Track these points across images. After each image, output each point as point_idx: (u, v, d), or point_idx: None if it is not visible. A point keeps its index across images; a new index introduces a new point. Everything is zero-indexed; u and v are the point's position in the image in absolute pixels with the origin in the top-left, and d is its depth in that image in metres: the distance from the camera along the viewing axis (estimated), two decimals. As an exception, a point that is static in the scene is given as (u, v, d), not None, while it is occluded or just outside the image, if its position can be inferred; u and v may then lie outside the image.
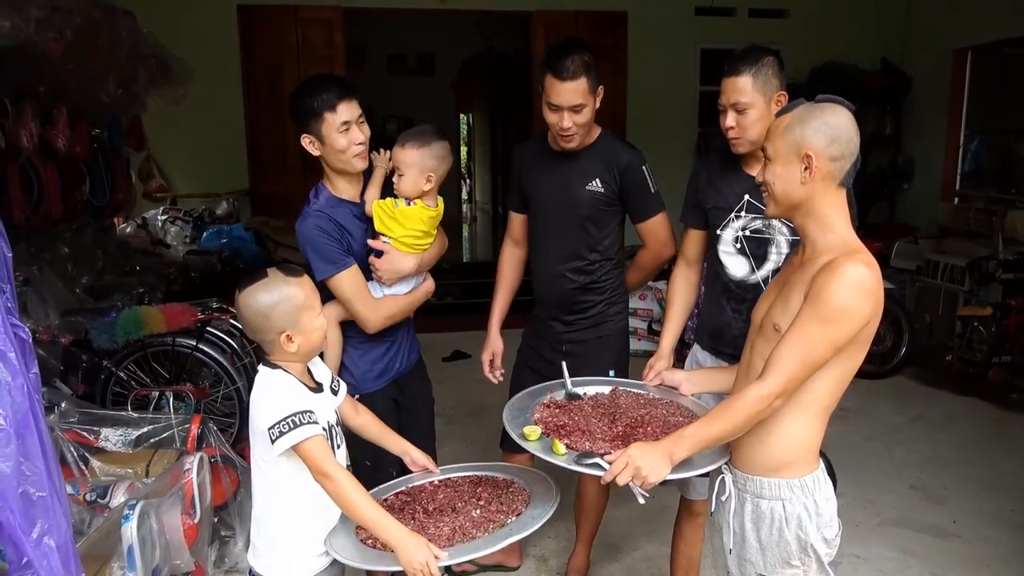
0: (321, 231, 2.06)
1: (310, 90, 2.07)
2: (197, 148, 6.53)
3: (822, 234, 1.53)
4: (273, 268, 1.64)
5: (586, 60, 2.28)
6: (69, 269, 3.99)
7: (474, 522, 1.62)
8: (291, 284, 1.61)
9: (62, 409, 2.59)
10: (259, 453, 1.64)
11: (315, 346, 1.66)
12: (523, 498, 1.70)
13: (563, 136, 2.35)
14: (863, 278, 1.45)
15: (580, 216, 2.45)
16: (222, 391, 3.59)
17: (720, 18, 7.26)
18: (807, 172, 1.50)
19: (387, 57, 10.72)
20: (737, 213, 2.17)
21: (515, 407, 1.83)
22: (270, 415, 1.56)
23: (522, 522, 1.60)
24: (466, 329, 6.06)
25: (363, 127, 2.10)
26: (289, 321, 1.59)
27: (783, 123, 1.54)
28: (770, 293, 1.66)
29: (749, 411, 1.48)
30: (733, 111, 2.07)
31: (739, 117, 2.07)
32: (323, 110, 2.03)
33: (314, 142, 2.09)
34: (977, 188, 6.29)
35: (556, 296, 2.54)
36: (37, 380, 1.32)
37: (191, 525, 2.25)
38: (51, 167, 3.92)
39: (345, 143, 2.06)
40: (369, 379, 2.23)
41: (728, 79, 2.08)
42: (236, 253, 5.30)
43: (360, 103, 2.11)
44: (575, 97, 2.26)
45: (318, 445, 1.57)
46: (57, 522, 1.31)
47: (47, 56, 3.53)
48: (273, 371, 1.63)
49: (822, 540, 1.59)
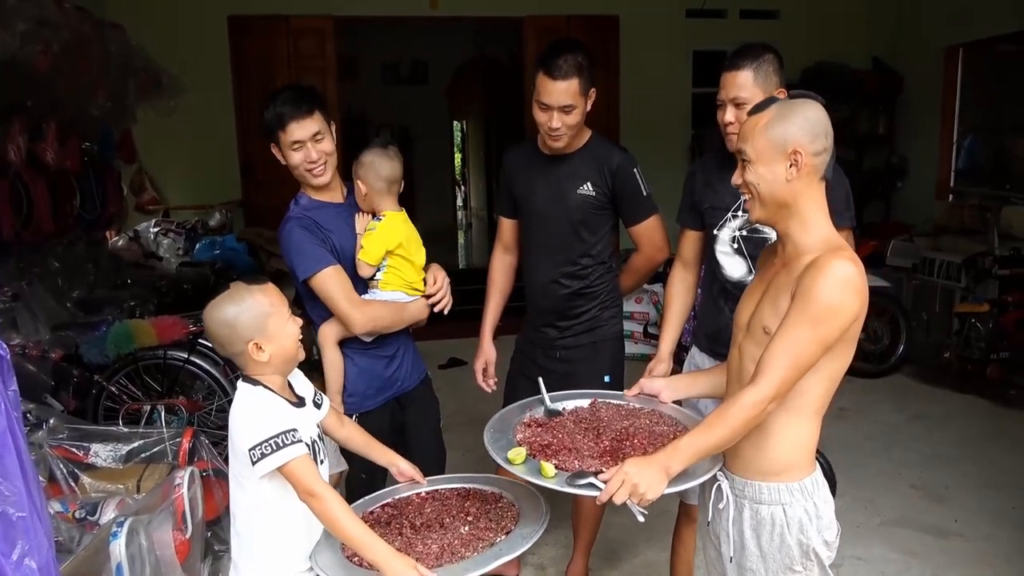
0: (303, 230, 2.05)
1: (269, 104, 2.07)
2: (189, 160, 6.51)
3: (804, 233, 1.51)
4: (236, 282, 1.62)
5: (580, 61, 2.25)
6: (60, 283, 3.97)
7: (463, 540, 1.59)
8: (254, 292, 1.59)
9: (51, 425, 2.56)
10: (239, 471, 1.61)
11: (289, 355, 1.63)
12: (512, 514, 1.68)
13: (551, 136, 2.32)
14: (850, 274, 1.43)
15: (572, 220, 2.42)
16: (215, 404, 3.56)
17: (711, 20, 7.26)
18: (793, 169, 1.47)
19: (380, 66, 10.73)
20: (734, 213, 2.14)
21: (495, 428, 1.77)
22: (251, 435, 1.53)
23: (512, 542, 1.57)
24: (462, 336, 6.04)
25: (320, 144, 2.08)
26: (255, 328, 1.56)
27: (761, 122, 1.50)
28: (753, 294, 1.63)
29: (744, 417, 1.45)
30: (732, 106, 2.04)
31: (739, 113, 2.03)
32: (276, 127, 2.05)
33: (278, 151, 2.12)
34: (972, 185, 6.29)
35: (549, 302, 2.52)
36: (16, 397, 1.29)
37: (183, 540, 2.21)
38: (41, 181, 3.90)
39: (297, 160, 2.07)
40: (368, 396, 2.21)
41: (728, 73, 2.05)
42: (229, 264, 5.27)
43: (324, 116, 2.09)
44: (566, 97, 2.24)
45: (303, 464, 1.53)
46: (38, 543, 1.28)
47: (35, 69, 3.51)
48: (253, 388, 1.60)
49: (823, 543, 1.57)
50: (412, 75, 11.06)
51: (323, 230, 2.09)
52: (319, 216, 2.11)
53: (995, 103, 6.31)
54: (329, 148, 2.10)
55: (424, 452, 2.30)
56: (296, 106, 2.03)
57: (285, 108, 2.04)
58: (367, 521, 1.71)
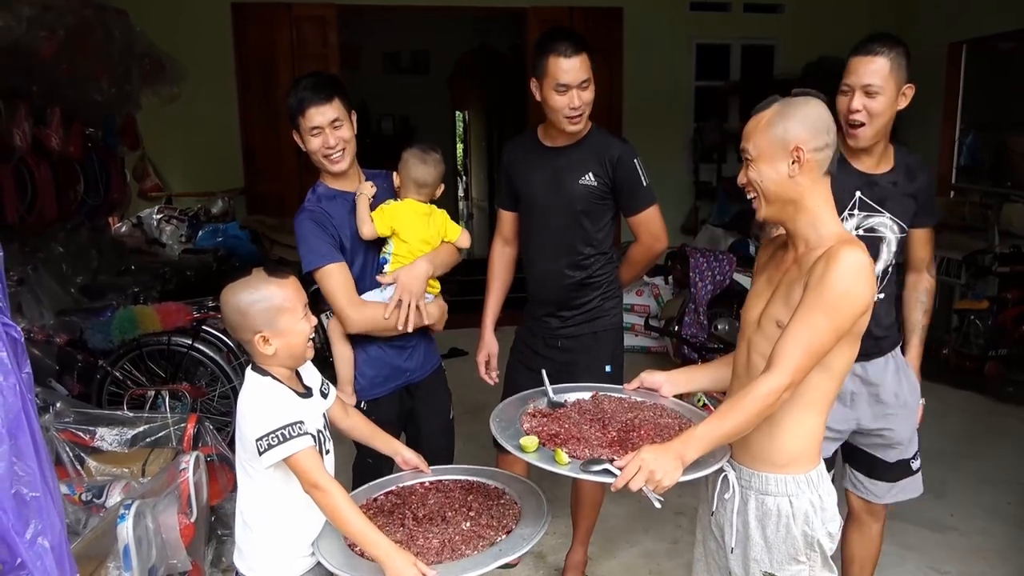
0: (313, 224, 2.07)
1: (292, 90, 2.10)
2: (192, 146, 6.50)
3: (813, 229, 1.53)
4: (260, 268, 1.62)
5: (582, 37, 2.31)
6: (64, 269, 3.99)
7: (464, 536, 1.61)
8: (272, 284, 1.58)
9: (57, 409, 2.58)
10: (245, 459, 1.63)
11: (296, 353, 1.62)
12: (513, 513, 1.70)
13: (571, 119, 2.33)
14: (862, 262, 1.44)
15: (574, 211, 2.43)
16: (218, 390, 3.59)
17: (715, 13, 7.26)
18: (795, 166, 1.49)
19: (382, 55, 10.70)
20: (850, 211, 2.04)
21: (502, 418, 1.78)
22: (259, 425, 1.54)
23: (512, 542, 1.58)
24: (463, 327, 6.05)
25: (339, 131, 2.09)
26: (265, 321, 1.57)
27: (762, 120, 1.52)
28: (762, 293, 1.63)
29: (760, 405, 1.46)
30: (862, 93, 1.96)
31: (868, 102, 1.96)
32: (296, 113, 2.07)
33: (298, 137, 2.13)
34: (973, 182, 6.30)
35: (552, 292, 2.53)
36: (30, 380, 1.30)
37: (187, 524, 2.24)
38: (45, 167, 3.91)
39: (315, 146, 2.09)
40: (377, 383, 2.22)
41: (863, 58, 1.98)
42: (232, 252, 5.29)
43: (345, 104, 2.10)
44: (583, 72, 2.27)
45: (309, 457, 1.55)
46: (51, 522, 1.30)
47: (39, 55, 3.52)
48: (262, 378, 1.61)
49: (827, 534, 1.59)
50: (414, 65, 11.02)
51: (334, 225, 2.10)
52: (333, 208, 2.12)
53: (997, 100, 6.31)
54: (347, 135, 2.11)
55: (432, 442, 2.32)
56: (316, 92, 2.06)
57: (306, 94, 2.06)
58: (371, 508, 1.74)
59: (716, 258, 5.14)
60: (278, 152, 6.60)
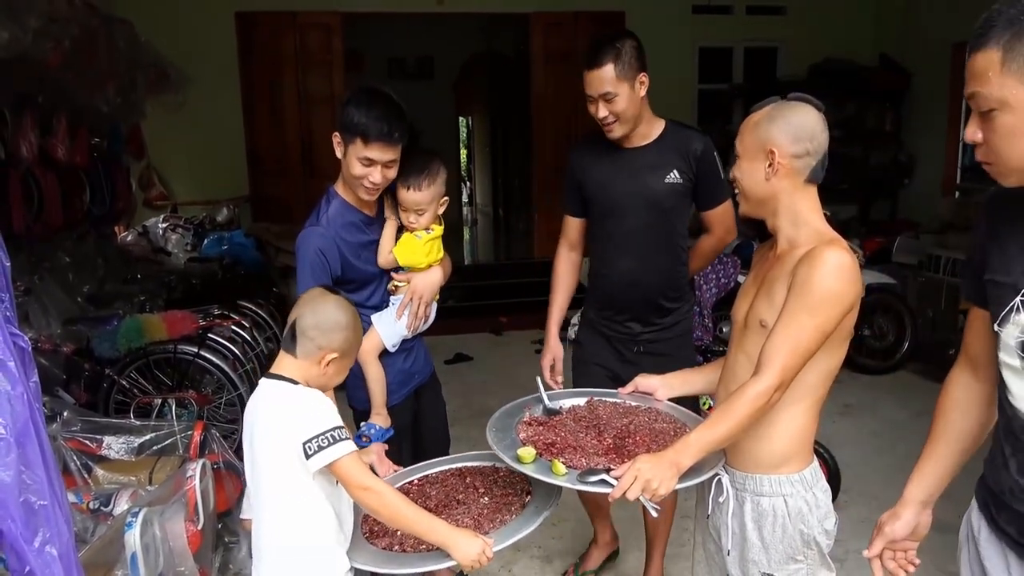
0: (319, 254, 2.00)
1: (359, 105, 1.97)
2: (197, 155, 6.54)
3: (794, 228, 1.55)
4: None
5: (616, 47, 2.23)
6: (70, 278, 4.01)
7: (492, 508, 1.63)
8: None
9: (64, 418, 2.59)
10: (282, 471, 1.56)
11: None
12: (520, 479, 1.72)
13: (605, 127, 2.31)
14: (844, 263, 1.45)
15: (662, 210, 2.36)
16: (225, 397, 3.60)
17: (718, 16, 7.26)
18: (771, 168, 1.51)
19: (387, 61, 10.74)
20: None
21: (496, 428, 1.77)
22: (304, 429, 1.51)
23: (540, 498, 1.63)
24: (468, 332, 6.08)
25: (387, 171, 2.00)
26: (344, 350, 1.61)
27: (753, 120, 1.55)
28: (748, 291, 1.65)
29: (751, 408, 1.47)
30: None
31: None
32: (357, 133, 1.96)
33: (341, 145, 2.03)
34: (978, 182, 6.28)
35: (637, 297, 2.44)
36: (37, 389, 1.32)
37: (194, 532, 2.25)
38: (51, 176, 3.94)
39: (359, 172, 1.99)
40: (393, 391, 2.20)
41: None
42: (237, 260, 5.31)
43: (403, 144, 2.01)
44: (602, 85, 2.23)
45: (356, 460, 1.54)
46: (59, 530, 1.31)
47: (46, 66, 3.55)
48: (294, 386, 1.59)
49: (823, 532, 1.60)
50: (418, 70, 11.07)
51: (340, 251, 2.03)
52: (348, 234, 2.06)
53: (1002, 100, 6.29)
54: (392, 176, 2.04)
55: (435, 439, 2.34)
56: (390, 130, 1.96)
57: (381, 126, 1.95)
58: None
59: (720, 261, 5.13)
60: (283, 159, 6.63)
